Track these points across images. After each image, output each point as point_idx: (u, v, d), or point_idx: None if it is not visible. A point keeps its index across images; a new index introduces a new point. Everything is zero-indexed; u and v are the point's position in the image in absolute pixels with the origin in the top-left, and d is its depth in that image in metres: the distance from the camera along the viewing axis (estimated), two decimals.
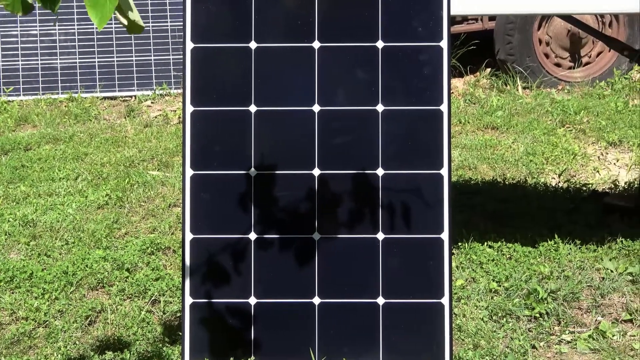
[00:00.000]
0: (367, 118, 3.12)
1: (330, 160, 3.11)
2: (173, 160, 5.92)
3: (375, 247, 3.10)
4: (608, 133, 6.36)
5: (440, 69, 3.11)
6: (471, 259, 4.20)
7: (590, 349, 3.53)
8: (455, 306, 3.77)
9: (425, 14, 3.13)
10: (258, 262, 3.09)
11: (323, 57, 3.11)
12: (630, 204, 4.79)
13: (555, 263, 4.18)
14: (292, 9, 3.14)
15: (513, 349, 3.46)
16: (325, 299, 3.10)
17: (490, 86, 7.83)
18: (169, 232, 4.62)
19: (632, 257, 4.24)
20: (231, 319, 3.11)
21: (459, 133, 6.47)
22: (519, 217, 4.71)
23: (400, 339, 3.12)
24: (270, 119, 3.11)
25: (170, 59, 7.97)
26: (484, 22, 8.03)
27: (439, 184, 3.10)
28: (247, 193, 3.10)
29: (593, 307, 3.84)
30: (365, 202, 3.11)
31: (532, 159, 5.80)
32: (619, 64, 7.86)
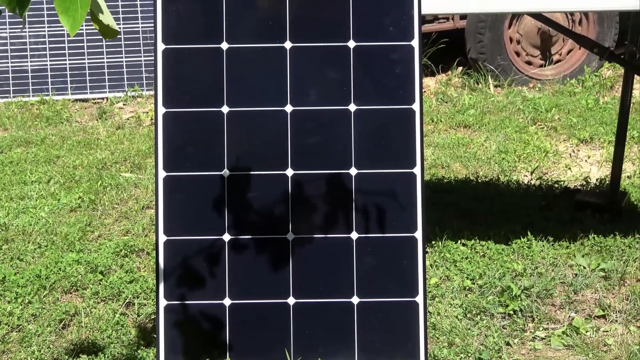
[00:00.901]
0: (340, 118, 3.12)
1: (304, 161, 3.11)
2: (146, 162, 5.90)
3: (349, 247, 3.10)
4: (579, 130, 6.40)
5: (411, 68, 3.12)
6: (445, 257, 4.21)
7: (564, 345, 3.55)
8: (430, 304, 3.78)
9: (396, 13, 3.13)
10: (232, 264, 3.09)
11: (295, 57, 3.11)
12: (601, 200, 4.82)
13: (528, 260, 4.20)
14: (263, 9, 3.14)
15: (487, 346, 3.48)
16: (300, 299, 3.10)
17: (462, 85, 7.85)
18: (143, 235, 4.60)
19: (604, 253, 4.26)
20: (206, 321, 3.10)
21: (431, 132, 6.49)
22: (492, 215, 4.73)
23: (375, 338, 3.12)
24: (242, 119, 3.11)
25: (142, 60, 7.94)
26: (455, 21, 8.06)
27: (412, 182, 3.11)
28: (221, 194, 3.10)
29: (566, 303, 3.86)
30: (338, 202, 3.12)
31: (505, 156, 5.82)
32: (590, 62, 7.91)
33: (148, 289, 3.94)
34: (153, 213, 4.84)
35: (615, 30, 7.91)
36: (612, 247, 4.29)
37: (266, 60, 3.12)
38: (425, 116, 6.73)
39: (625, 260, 4.18)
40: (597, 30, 7.89)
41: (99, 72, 7.87)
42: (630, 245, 4.31)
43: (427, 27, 8.04)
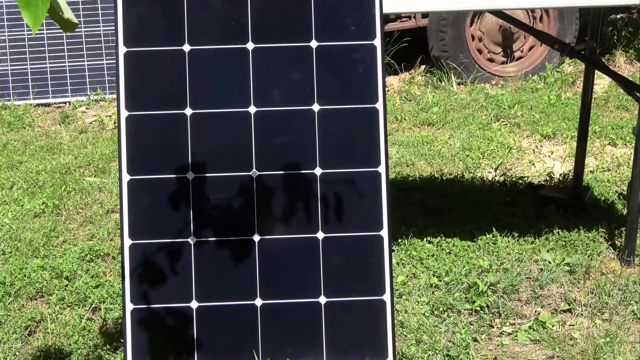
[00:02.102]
0: (304, 118, 3.12)
1: (268, 161, 3.11)
2: (110, 165, 5.86)
3: (315, 247, 3.11)
4: (542, 126, 6.44)
5: (374, 67, 3.13)
6: (411, 255, 4.23)
7: (530, 339, 3.57)
8: (397, 302, 3.79)
9: (358, 13, 3.14)
10: (198, 266, 3.08)
11: (257, 58, 3.11)
12: (565, 195, 4.86)
13: (494, 256, 4.22)
14: (224, 10, 3.13)
15: (455, 343, 3.49)
16: (267, 300, 3.10)
17: (425, 83, 7.88)
18: (108, 239, 4.58)
19: (568, 247, 4.30)
20: (173, 324, 3.09)
21: (395, 130, 6.51)
22: (458, 212, 4.75)
23: (343, 337, 3.12)
24: (206, 121, 3.10)
25: (104, 63, 7.90)
26: (417, 20, 8.08)
27: (376, 181, 3.11)
28: (185, 196, 3.08)
29: (532, 298, 3.89)
30: (304, 202, 3.12)
31: (469, 154, 5.85)
32: (551, 58, 7.97)
33: (114, 294, 3.92)
34: (118, 217, 4.81)
35: (575, 27, 7.98)
36: (577, 242, 4.32)
37: (229, 62, 3.12)
38: (389, 115, 6.75)
39: (589, 254, 4.21)
40: (557, 27, 7.95)
41: (60, 76, 7.81)
42: (594, 239, 4.35)
43: (390, 26, 8.06)
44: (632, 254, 4.15)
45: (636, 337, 3.60)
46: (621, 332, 3.57)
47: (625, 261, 4.15)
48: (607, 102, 7.12)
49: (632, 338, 3.58)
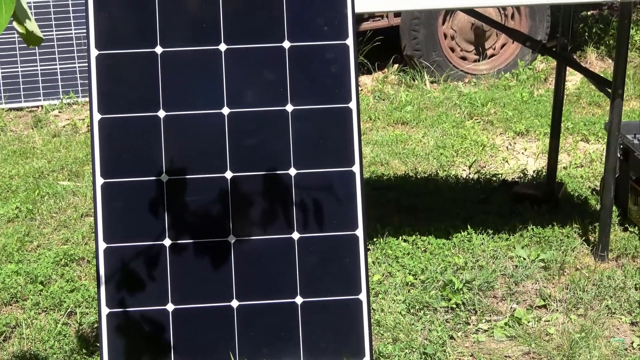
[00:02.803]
0: (277, 118, 3.12)
1: (242, 162, 3.11)
2: (84, 169, 5.84)
3: (290, 247, 3.11)
4: (515, 123, 6.47)
5: (347, 66, 3.13)
6: (387, 254, 4.23)
7: (506, 336, 3.59)
8: (373, 301, 3.79)
9: (330, 13, 3.14)
10: (174, 268, 3.07)
11: (230, 59, 3.10)
12: (539, 192, 4.88)
13: (469, 253, 4.24)
14: (196, 12, 3.13)
15: (432, 341, 3.50)
16: (244, 301, 3.09)
17: (399, 82, 7.90)
18: (83, 243, 4.56)
19: (543, 243, 4.32)
20: (149, 327, 3.08)
21: (369, 129, 6.52)
22: (432, 210, 4.77)
23: (320, 337, 3.12)
24: (179, 123, 3.09)
25: (77, 67, 7.86)
26: (389, 19, 8.10)
27: (351, 180, 3.12)
28: (160, 199, 3.08)
29: (508, 295, 3.91)
30: (279, 203, 3.12)
31: (443, 152, 5.87)
32: (523, 55, 8.01)
33: (90, 298, 3.90)
34: (92, 221, 4.79)
35: (547, 24, 8.02)
36: (551, 238, 4.35)
37: (201, 63, 3.11)
38: (362, 114, 6.76)
39: (564, 250, 4.24)
40: (529, 24, 7.99)
41: (32, 80, 7.76)
42: (569, 235, 4.37)
43: (362, 26, 8.07)
44: (605, 249, 4.18)
45: (611, 331, 3.63)
46: (596, 326, 3.60)
47: (599, 256, 4.18)
48: (579, 98, 7.16)
49: (607, 332, 3.60)
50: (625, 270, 4.05)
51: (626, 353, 3.47)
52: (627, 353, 3.48)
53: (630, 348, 3.53)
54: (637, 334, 3.61)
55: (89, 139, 6.38)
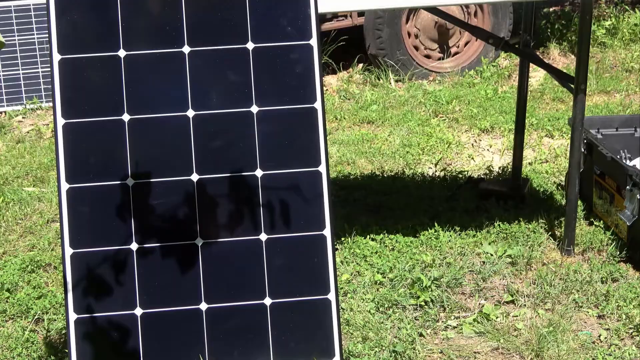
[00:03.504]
0: (242, 120, 3.11)
1: (208, 165, 3.10)
2: (49, 175, 5.80)
3: (258, 249, 3.10)
4: (480, 120, 6.50)
5: (311, 67, 3.13)
6: (355, 253, 4.24)
7: (475, 332, 3.61)
8: (342, 301, 3.80)
9: (293, 13, 3.14)
10: (141, 273, 3.06)
11: (194, 61, 3.10)
12: (504, 188, 4.91)
13: (436, 251, 4.25)
14: (159, 15, 3.12)
15: (401, 339, 3.51)
16: (212, 304, 3.09)
17: (364, 81, 7.91)
18: (49, 249, 4.52)
19: (510, 239, 4.34)
20: (118, 332, 3.06)
21: (335, 129, 6.53)
22: (400, 209, 4.78)
23: (290, 338, 3.12)
24: (144, 127, 3.08)
25: (40, 72, 7.80)
26: (353, 18, 8.11)
27: (317, 181, 3.12)
28: (126, 203, 3.06)
29: (476, 291, 3.93)
30: (245, 204, 3.11)
31: (409, 150, 5.89)
32: (486, 53, 8.05)
33: (57, 304, 3.87)
34: (58, 226, 4.76)
35: (509, 21, 8.07)
36: (517, 233, 4.37)
37: (165, 66, 3.10)
38: (328, 114, 6.77)
39: (530, 245, 4.26)
40: (492, 22, 8.03)
41: None
42: (535, 231, 4.40)
43: (326, 26, 8.08)
44: (571, 243, 4.21)
45: (579, 325, 3.66)
46: (564, 321, 3.62)
47: (566, 251, 4.21)
48: (542, 94, 7.21)
49: (575, 326, 3.63)
50: (592, 264, 4.08)
51: (594, 346, 3.50)
52: (595, 346, 3.51)
53: (598, 341, 3.56)
54: (604, 327, 3.64)
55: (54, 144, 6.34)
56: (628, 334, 3.59)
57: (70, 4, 3.07)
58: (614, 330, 3.60)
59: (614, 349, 3.48)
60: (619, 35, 8.61)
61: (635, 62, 8.00)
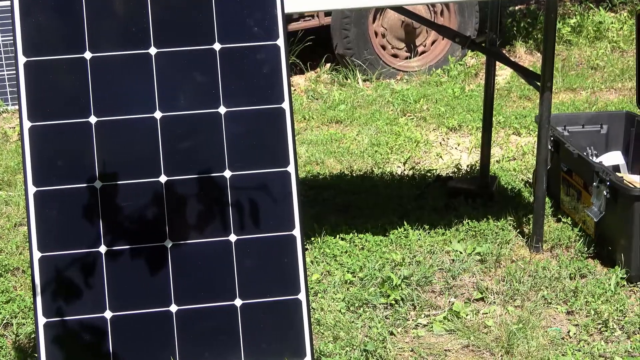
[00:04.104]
0: (210, 121, 3.11)
1: (177, 166, 3.09)
2: (15, 178, 5.75)
3: (228, 250, 3.10)
4: (448, 119, 6.53)
5: (278, 67, 3.13)
6: (325, 253, 4.24)
7: (445, 330, 3.62)
8: (313, 300, 3.80)
9: (259, 14, 3.14)
10: (110, 275, 3.04)
11: (160, 62, 3.09)
12: (473, 186, 4.93)
13: (406, 249, 4.26)
14: (124, 16, 3.10)
15: (372, 338, 3.51)
16: (182, 305, 3.08)
17: (332, 81, 7.92)
18: (17, 252, 4.49)
19: (478, 237, 4.37)
20: (87, 335, 3.05)
21: (304, 129, 6.53)
22: (369, 208, 4.79)
23: (260, 339, 3.12)
24: (111, 129, 3.07)
25: (5, 74, 7.74)
26: (320, 18, 8.11)
27: (286, 181, 3.12)
28: (94, 206, 3.05)
29: (446, 289, 3.94)
30: (214, 205, 3.11)
31: (377, 149, 5.90)
32: (453, 51, 8.08)
33: (26, 308, 3.85)
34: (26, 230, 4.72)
35: (476, 19, 8.10)
36: (486, 231, 4.39)
37: (131, 68, 3.09)
38: (296, 114, 6.77)
39: (499, 242, 4.29)
40: (458, 20, 8.06)
41: None
42: (503, 228, 4.42)
43: (293, 26, 8.07)
44: (540, 240, 4.24)
45: (548, 321, 3.68)
46: (533, 317, 3.64)
47: (534, 248, 4.23)
48: (509, 92, 7.25)
49: (544, 323, 3.65)
50: (560, 260, 4.11)
51: (563, 342, 3.53)
52: (564, 342, 3.53)
53: (567, 337, 3.58)
54: (573, 322, 3.67)
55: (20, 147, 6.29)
56: (597, 329, 3.62)
57: (35, 5, 3.05)
58: (583, 326, 3.62)
59: (583, 344, 3.51)
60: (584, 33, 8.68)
61: (601, 60, 8.06)
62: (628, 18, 8.90)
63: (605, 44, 8.47)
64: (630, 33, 8.49)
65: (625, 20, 8.87)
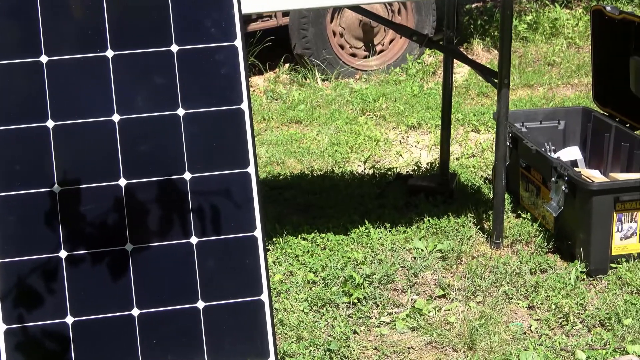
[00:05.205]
0: (169, 123, 3.10)
1: (136, 169, 3.07)
2: None
3: (189, 252, 3.09)
4: (407, 117, 6.55)
5: (237, 68, 3.13)
6: (287, 253, 4.24)
7: (408, 327, 3.64)
8: (276, 301, 3.80)
9: (217, 15, 3.13)
10: (71, 280, 3.02)
11: (118, 65, 3.07)
12: (433, 183, 4.96)
13: (368, 248, 4.27)
14: (80, 19, 3.08)
15: (335, 337, 3.52)
16: (144, 309, 3.06)
17: (291, 81, 7.91)
18: None
19: (439, 234, 4.39)
20: (49, 341, 3.02)
21: (264, 130, 6.52)
22: (330, 207, 4.79)
23: (224, 340, 3.11)
24: (69, 133, 3.04)
25: None
26: (278, 19, 8.10)
27: (247, 182, 3.12)
28: (53, 211, 3.02)
29: (408, 286, 3.95)
30: (175, 208, 3.09)
31: (337, 148, 5.91)
32: (411, 50, 8.11)
33: None
34: None
35: (433, 18, 8.13)
36: (447, 228, 4.41)
37: (89, 71, 3.07)
38: (256, 115, 6.76)
39: (460, 239, 4.31)
40: (415, 19, 8.09)
41: None
42: (464, 225, 4.45)
43: (251, 26, 8.06)
44: (500, 236, 4.27)
45: (509, 316, 3.71)
46: (495, 313, 3.67)
47: (495, 244, 4.26)
48: (467, 89, 7.29)
49: (506, 318, 3.68)
50: (520, 255, 4.14)
51: (525, 337, 3.56)
52: (526, 336, 3.56)
53: (529, 332, 3.61)
54: (534, 317, 3.70)
55: None
56: (558, 323, 3.65)
57: None
58: (544, 320, 3.65)
59: (545, 338, 3.54)
60: (540, 30, 8.74)
61: (557, 56, 8.13)
62: (583, 14, 8.98)
63: (561, 40, 8.54)
64: (586, 29, 8.56)
65: (580, 17, 8.95)
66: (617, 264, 4.03)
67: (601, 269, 4.01)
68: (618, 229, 4.00)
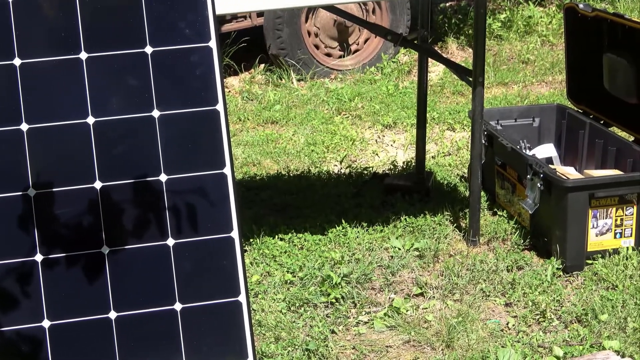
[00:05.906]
0: (144, 125, 3.08)
1: (111, 171, 3.06)
2: None
3: (166, 254, 3.08)
4: (383, 116, 6.56)
5: (211, 69, 3.12)
6: (264, 254, 4.24)
7: (386, 326, 3.64)
8: (253, 302, 3.80)
9: (191, 16, 3.12)
10: (47, 284, 3.00)
11: (92, 67, 3.05)
12: (409, 182, 4.97)
13: (345, 248, 4.28)
14: (54, 21, 3.06)
15: (313, 337, 3.52)
16: (122, 312, 3.05)
17: (266, 81, 7.91)
18: None
19: (416, 233, 4.40)
20: (26, 346, 3.00)
21: (239, 131, 6.51)
22: (307, 207, 4.79)
23: (202, 342, 3.11)
24: (44, 136, 3.03)
25: None
26: (252, 19, 8.09)
27: (223, 183, 3.11)
28: (28, 214, 3.00)
29: (385, 285, 3.96)
30: (151, 210, 3.08)
31: (314, 148, 5.91)
32: (386, 49, 8.12)
33: None
34: None
35: (407, 17, 8.15)
36: (424, 227, 4.43)
37: (63, 73, 3.05)
38: (231, 115, 6.75)
39: (436, 237, 4.32)
40: (390, 18, 8.10)
41: None
42: (440, 223, 4.46)
43: (226, 27, 8.04)
44: (476, 234, 4.28)
45: (487, 314, 3.72)
46: (472, 310, 3.68)
47: (471, 241, 4.28)
48: (442, 88, 7.31)
49: (483, 315, 3.69)
50: (497, 253, 4.16)
51: (502, 334, 3.57)
52: (504, 334, 3.57)
53: (506, 329, 3.63)
54: (511, 314, 3.72)
55: None
56: (535, 320, 3.67)
57: None
58: (521, 317, 3.67)
59: (522, 335, 3.56)
60: (514, 28, 8.78)
61: (531, 54, 8.17)
62: (557, 12, 9.03)
63: (535, 38, 8.58)
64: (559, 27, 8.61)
65: (554, 15, 9.00)
66: (592, 260, 4.05)
67: (577, 266, 4.03)
68: (593, 225, 4.02)
